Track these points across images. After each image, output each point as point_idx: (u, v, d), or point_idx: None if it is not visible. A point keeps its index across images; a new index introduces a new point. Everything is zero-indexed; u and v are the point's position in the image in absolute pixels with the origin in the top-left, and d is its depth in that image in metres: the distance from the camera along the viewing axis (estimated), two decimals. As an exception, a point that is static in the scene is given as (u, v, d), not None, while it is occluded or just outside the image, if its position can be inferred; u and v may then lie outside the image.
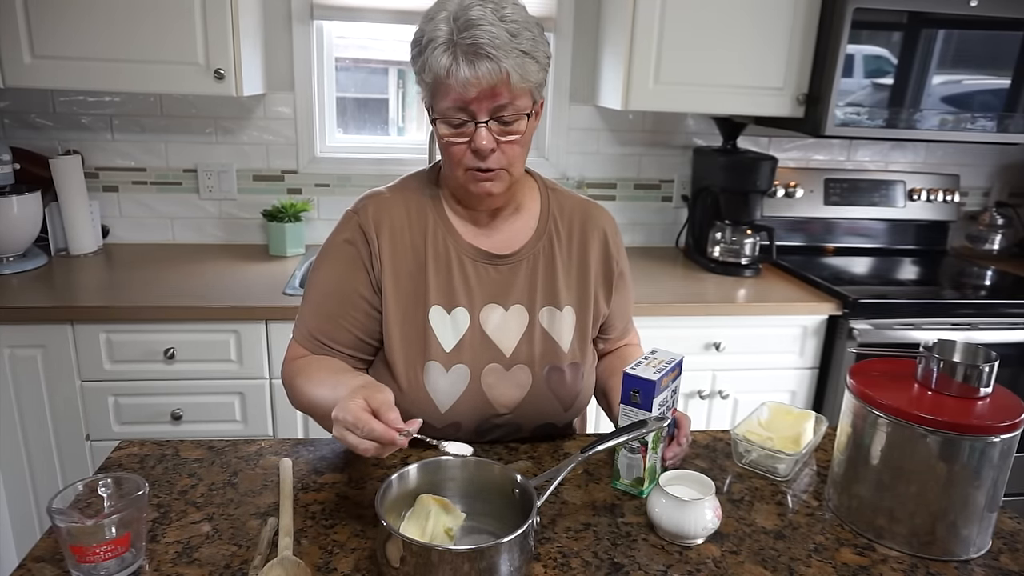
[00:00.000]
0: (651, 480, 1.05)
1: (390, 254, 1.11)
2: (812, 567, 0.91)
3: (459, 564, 0.77)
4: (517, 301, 1.15)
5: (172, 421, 1.88)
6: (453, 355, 1.12)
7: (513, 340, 1.14)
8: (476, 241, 1.15)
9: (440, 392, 1.11)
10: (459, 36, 0.97)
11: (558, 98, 2.44)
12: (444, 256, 1.13)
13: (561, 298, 1.17)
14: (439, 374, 1.11)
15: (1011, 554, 0.95)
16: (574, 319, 1.18)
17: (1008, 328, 2.11)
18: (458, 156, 1.05)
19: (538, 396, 1.15)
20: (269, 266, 2.17)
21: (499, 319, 1.14)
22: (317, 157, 2.38)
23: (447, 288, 1.12)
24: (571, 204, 1.22)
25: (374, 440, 0.86)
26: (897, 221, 2.64)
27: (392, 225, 1.12)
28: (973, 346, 0.98)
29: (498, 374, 1.13)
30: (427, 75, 1.01)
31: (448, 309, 1.12)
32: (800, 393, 2.15)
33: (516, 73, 0.99)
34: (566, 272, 1.18)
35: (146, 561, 0.87)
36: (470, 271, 1.14)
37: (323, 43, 2.34)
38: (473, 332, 1.13)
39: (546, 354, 1.16)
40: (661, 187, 2.58)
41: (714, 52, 2.11)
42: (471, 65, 0.97)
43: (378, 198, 1.15)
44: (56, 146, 2.24)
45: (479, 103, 1.00)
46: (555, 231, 1.19)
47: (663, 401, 1.04)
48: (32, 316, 1.76)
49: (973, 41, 2.12)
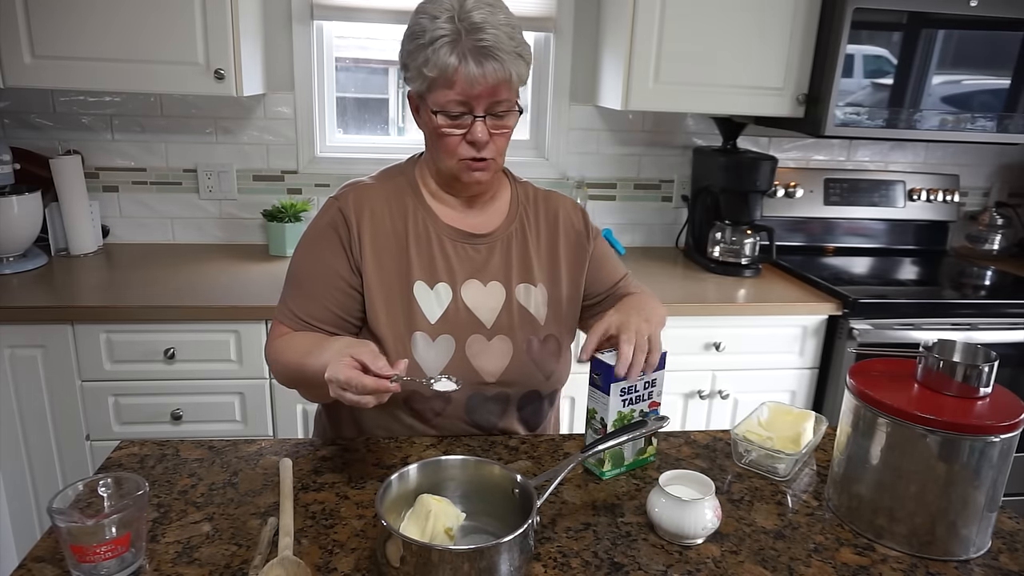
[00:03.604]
0: (614, 464, 1.09)
1: (371, 237, 1.17)
2: (812, 567, 0.91)
3: (459, 564, 0.77)
4: (494, 278, 1.22)
5: (172, 421, 1.88)
6: (438, 326, 1.17)
7: (493, 313, 1.20)
8: (454, 222, 1.21)
9: (428, 361, 1.16)
10: (468, 37, 1.04)
11: (558, 98, 2.44)
12: (424, 236, 1.19)
13: (535, 275, 1.24)
14: (426, 344, 1.16)
15: (1011, 554, 0.95)
16: (547, 295, 1.25)
17: (1008, 328, 2.11)
18: (453, 146, 1.12)
19: (520, 365, 1.21)
20: (269, 266, 2.17)
21: (478, 293, 1.20)
22: (317, 157, 2.38)
23: (429, 265, 1.19)
24: (538, 194, 1.30)
25: (368, 394, 0.93)
26: (897, 221, 2.64)
27: (373, 210, 1.18)
28: (973, 346, 0.98)
29: (481, 344, 1.19)
30: (431, 70, 1.06)
31: (431, 284, 1.18)
32: (800, 393, 2.15)
33: (515, 73, 1.08)
34: (537, 253, 1.25)
35: (146, 561, 0.87)
36: (449, 249, 1.20)
37: (323, 43, 2.34)
38: (455, 304, 1.19)
39: (523, 325, 1.22)
40: (661, 187, 2.58)
41: (714, 52, 2.11)
42: (479, 65, 1.05)
43: (359, 186, 1.21)
44: (56, 146, 2.24)
45: (480, 99, 1.07)
46: (526, 216, 1.27)
47: (628, 389, 1.07)
48: (32, 316, 1.76)
49: (973, 41, 2.12)
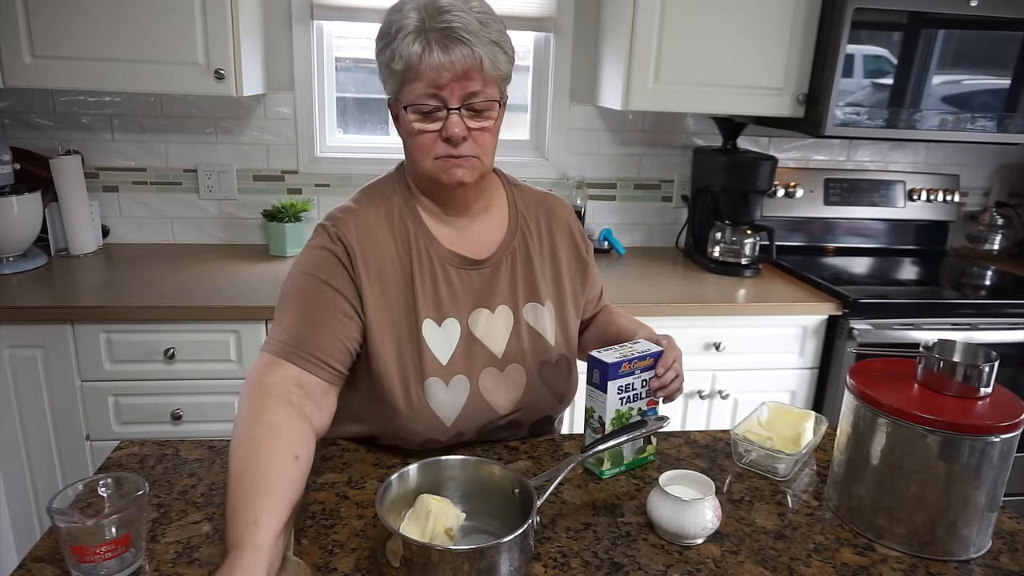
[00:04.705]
0: (613, 463, 1.09)
1: (376, 271, 1.07)
2: (812, 567, 0.91)
3: (459, 564, 0.77)
4: (501, 302, 1.15)
5: (172, 421, 1.88)
6: (451, 367, 1.10)
7: (503, 340, 1.14)
8: (456, 247, 1.13)
9: (444, 407, 1.10)
10: (431, 22, 0.97)
11: (558, 98, 2.44)
12: (428, 266, 1.10)
13: (541, 293, 1.18)
14: (440, 389, 1.09)
15: (1011, 554, 0.95)
16: (554, 312, 1.20)
17: (1008, 328, 2.11)
18: (428, 145, 1.03)
19: (534, 392, 1.16)
20: (269, 266, 2.17)
21: (486, 322, 1.14)
22: (317, 157, 2.38)
23: (435, 299, 1.10)
24: (534, 199, 1.23)
25: None
26: (897, 221, 2.64)
27: (375, 240, 1.08)
28: (973, 346, 0.98)
29: (494, 376, 1.13)
30: (397, 63, 0.99)
31: (439, 321, 1.10)
32: (800, 393, 2.15)
33: (488, 59, 1.00)
34: (541, 267, 1.19)
35: (146, 561, 0.87)
36: (454, 279, 1.12)
37: (323, 43, 2.34)
38: (464, 339, 1.12)
39: (535, 349, 1.16)
40: (661, 187, 2.58)
41: (714, 52, 2.11)
42: (444, 49, 0.97)
43: (353, 212, 1.09)
44: (56, 146, 2.24)
45: (451, 89, 1.00)
46: (526, 228, 1.20)
47: (627, 387, 1.06)
48: (32, 316, 1.76)
49: (973, 41, 2.12)
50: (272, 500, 0.82)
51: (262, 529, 0.77)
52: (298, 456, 0.90)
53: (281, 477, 0.86)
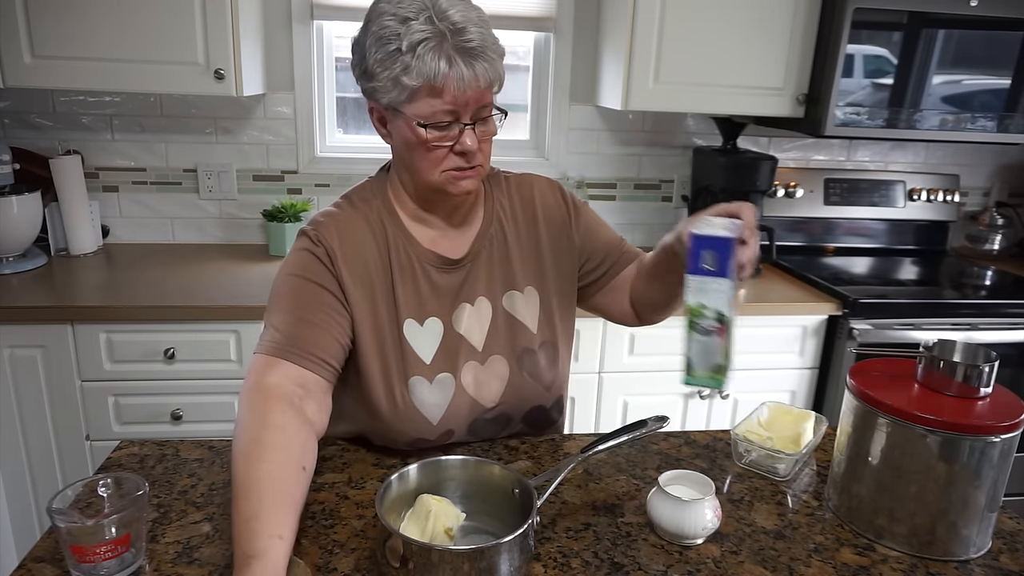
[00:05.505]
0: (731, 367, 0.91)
1: (358, 274, 1.07)
2: (812, 567, 0.91)
3: (459, 564, 0.77)
4: (480, 294, 1.15)
5: (172, 421, 1.88)
6: (434, 365, 1.10)
7: (482, 332, 1.14)
8: (435, 246, 1.13)
9: (430, 406, 1.10)
10: (454, 39, 0.95)
11: (558, 98, 2.44)
12: (408, 267, 1.10)
13: (518, 279, 1.16)
14: (425, 388, 1.10)
15: (1011, 554, 0.95)
16: (537, 298, 1.18)
17: (1008, 328, 2.11)
18: (440, 158, 1.03)
19: (518, 383, 1.15)
20: (269, 266, 2.17)
21: (467, 316, 1.13)
22: (317, 157, 2.38)
23: (416, 299, 1.10)
24: (510, 182, 1.21)
25: None
26: (897, 221, 2.64)
27: (355, 242, 1.08)
28: (973, 346, 0.98)
29: (475, 370, 1.13)
30: (413, 78, 0.96)
31: (420, 321, 1.11)
32: (800, 393, 2.15)
33: (501, 74, 1.02)
34: (520, 254, 1.17)
35: (146, 561, 0.87)
36: (435, 278, 1.12)
37: (323, 43, 2.34)
38: (447, 336, 1.12)
39: (515, 338, 1.15)
40: (661, 187, 2.58)
41: (714, 52, 2.11)
42: (470, 67, 0.96)
43: (334, 216, 1.10)
44: (56, 146, 2.24)
45: (468, 106, 1.00)
46: (503, 215, 1.18)
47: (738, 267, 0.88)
48: (32, 316, 1.76)
49: (973, 41, 2.12)
50: (292, 516, 0.85)
51: (285, 545, 0.81)
52: (305, 467, 0.92)
53: (295, 491, 0.88)
